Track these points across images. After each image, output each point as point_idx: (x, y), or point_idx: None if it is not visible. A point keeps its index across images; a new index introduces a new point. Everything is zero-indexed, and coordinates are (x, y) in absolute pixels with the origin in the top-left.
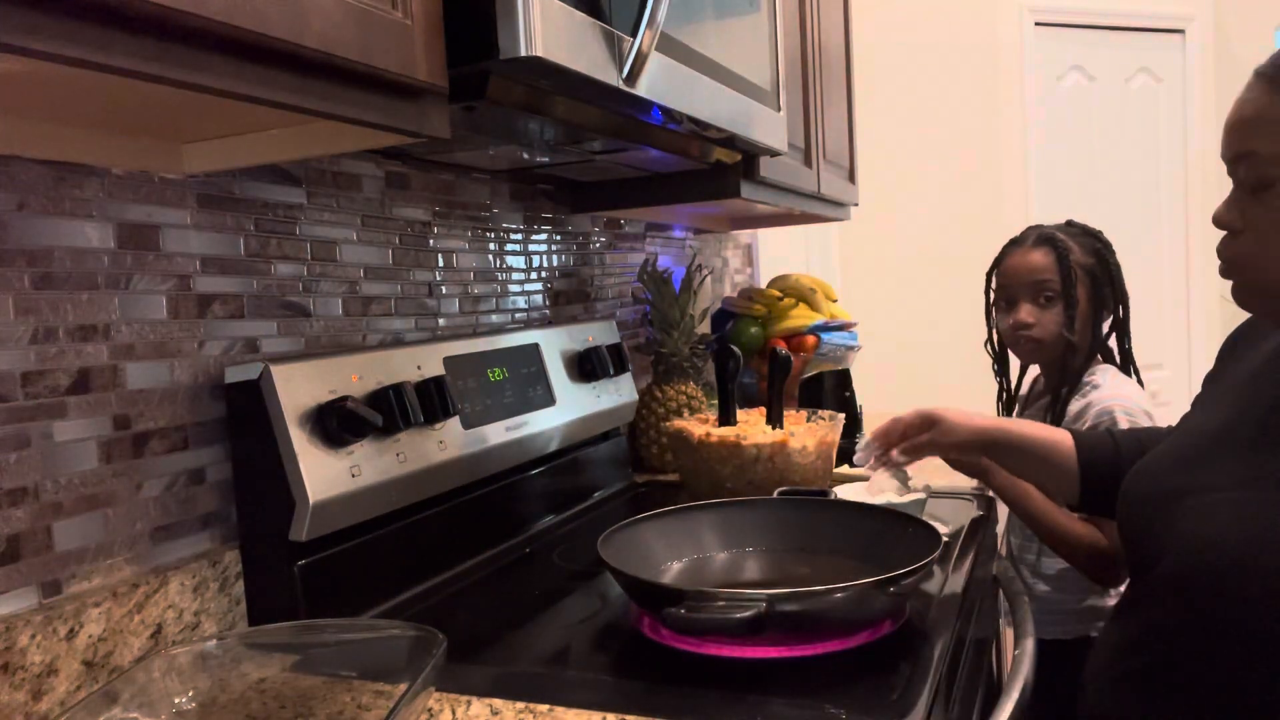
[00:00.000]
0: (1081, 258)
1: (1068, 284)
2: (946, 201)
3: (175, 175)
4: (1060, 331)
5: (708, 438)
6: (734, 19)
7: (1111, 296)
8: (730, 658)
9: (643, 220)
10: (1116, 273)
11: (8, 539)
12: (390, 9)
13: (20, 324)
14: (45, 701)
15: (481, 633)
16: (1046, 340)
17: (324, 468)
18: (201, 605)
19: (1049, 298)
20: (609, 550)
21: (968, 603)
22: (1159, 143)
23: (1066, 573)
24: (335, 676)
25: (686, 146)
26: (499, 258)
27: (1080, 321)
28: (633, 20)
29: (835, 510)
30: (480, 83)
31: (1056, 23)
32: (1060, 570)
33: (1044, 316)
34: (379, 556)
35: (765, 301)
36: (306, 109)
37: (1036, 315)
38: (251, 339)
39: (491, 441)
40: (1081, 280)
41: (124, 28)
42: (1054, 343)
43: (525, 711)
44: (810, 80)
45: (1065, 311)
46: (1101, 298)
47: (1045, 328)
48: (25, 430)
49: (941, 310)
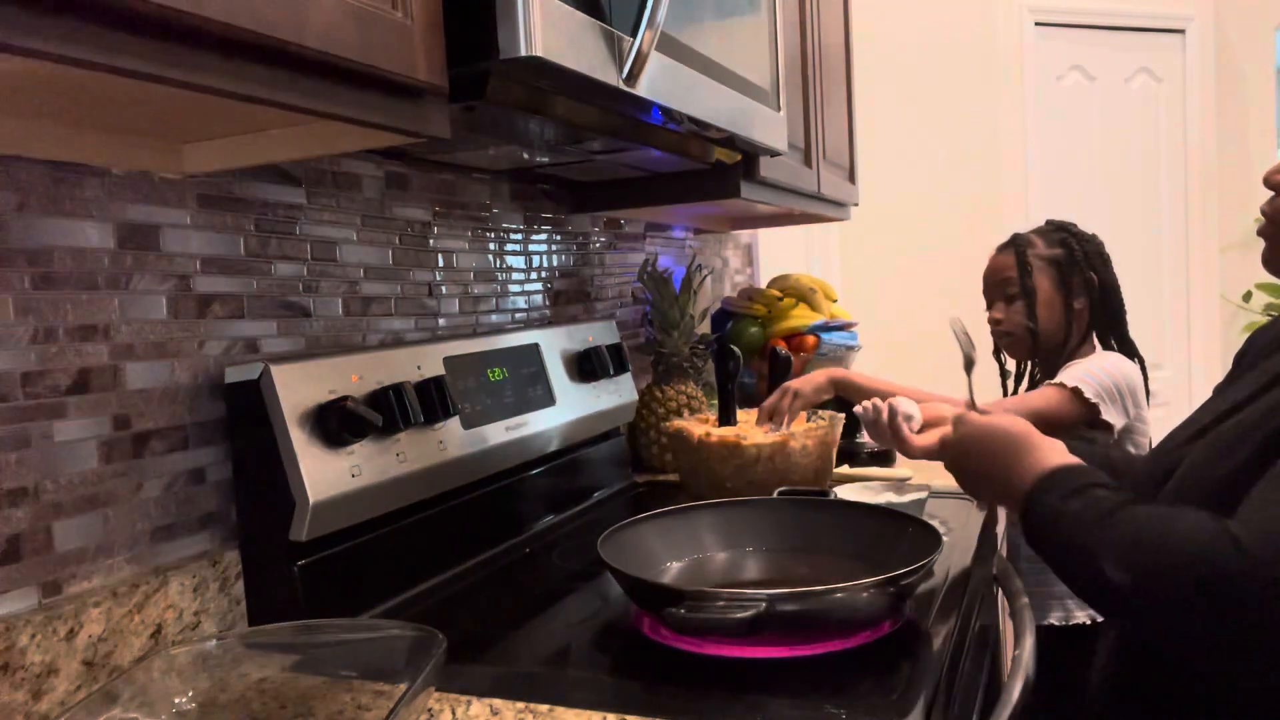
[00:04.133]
0: (1044, 250)
1: (1024, 276)
2: (946, 201)
3: (175, 175)
4: (1024, 322)
5: (708, 438)
6: (734, 19)
7: (1082, 283)
8: (730, 658)
9: (643, 220)
10: (1087, 259)
11: (8, 539)
12: (390, 9)
13: (20, 324)
14: (45, 701)
15: (481, 633)
16: (1015, 333)
17: (324, 468)
18: (201, 605)
19: (1012, 294)
20: (609, 550)
21: (968, 603)
22: (1159, 143)
23: None
24: (335, 676)
25: (686, 146)
26: (499, 258)
27: (1046, 310)
28: (633, 20)
29: (835, 510)
30: (480, 83)
31: (1056, 23)
32: None
33: (1009, 311)
34: (379, 556)
35: (765, 301)
36: (307, 109)
37: (1004, 311)
38: (251, 339)
39: (491, 441)
40: (1043, 271)
41: (124, 28)
42: (1021, 334)
43: (525, 711)
44: (810, 80)
45: (1025, 302)
46: (1070, 285)
47: (1011, 321)
48: (25, 430)
49: (941, 310)
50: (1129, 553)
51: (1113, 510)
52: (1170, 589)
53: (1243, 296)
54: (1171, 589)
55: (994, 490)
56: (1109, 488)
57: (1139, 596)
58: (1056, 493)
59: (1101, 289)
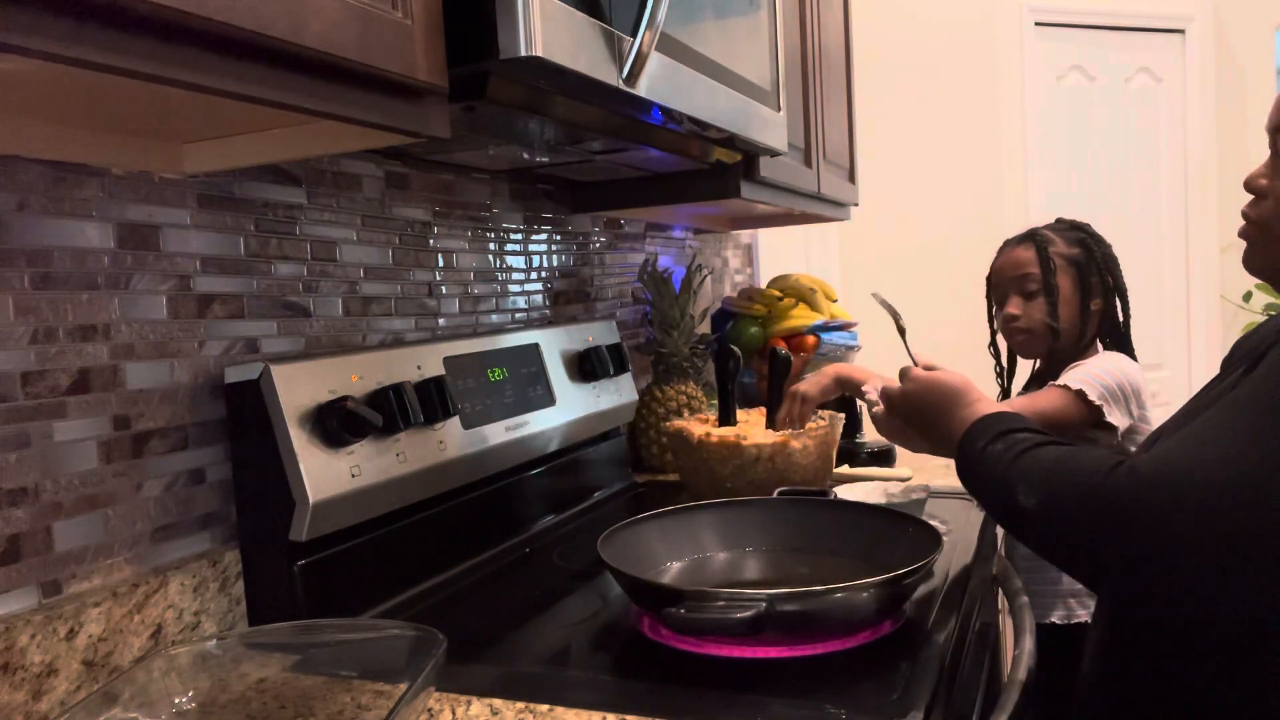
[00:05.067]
0: (1064, 249)
1: (1048, 274)
2: (946, 201)
3: (175, 175)
4: (1045, 320)
5: (708, 438)
6: (734, 19)
7: (1100, 284)
8: (730, 658)
9: (643, 220)
10: (1104, 261)
11: (8, 539)
12: (390, 9)
13: (20, 324)
14: (45, 701)
15: (481, 633)
16: (1034, 330)
17: (324, 468)
18: (201, 605)
19: (1033, 290)
20: (609, 550)
21: (968, 602)
22: (1159, 143)
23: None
24: (335, 676)
25: (686, 146)
26: (499, 258)
27: (1065, 309)
28: (633, 20)
29: (835, 510)
30: (480, 83)
31: (1056, 23)
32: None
33: (1029, 308)
34: (379, 556)
35: (765, 301)
36: (306, 109)
37: (1022, 307)
38: (251, 339)
39: (491, 441)
40: (1064, 270)
41: (124, 28)
42: (1041, 332)
43: (525, 711)
44: (810, 80)
45: (1047, 300)
46: (1088, 286)
47: (1031, 318)
48: (25, 430)
49: (941, 310)
50: (1037, 481)
51: (1029, 448)
52: (1069, 512)
53: (1243, 296)
54: (1070, 512)
55: (934, 438)
56: (1031, 430)
57: (1043, 520)
58: (983, 438)
59: (1115, 291)
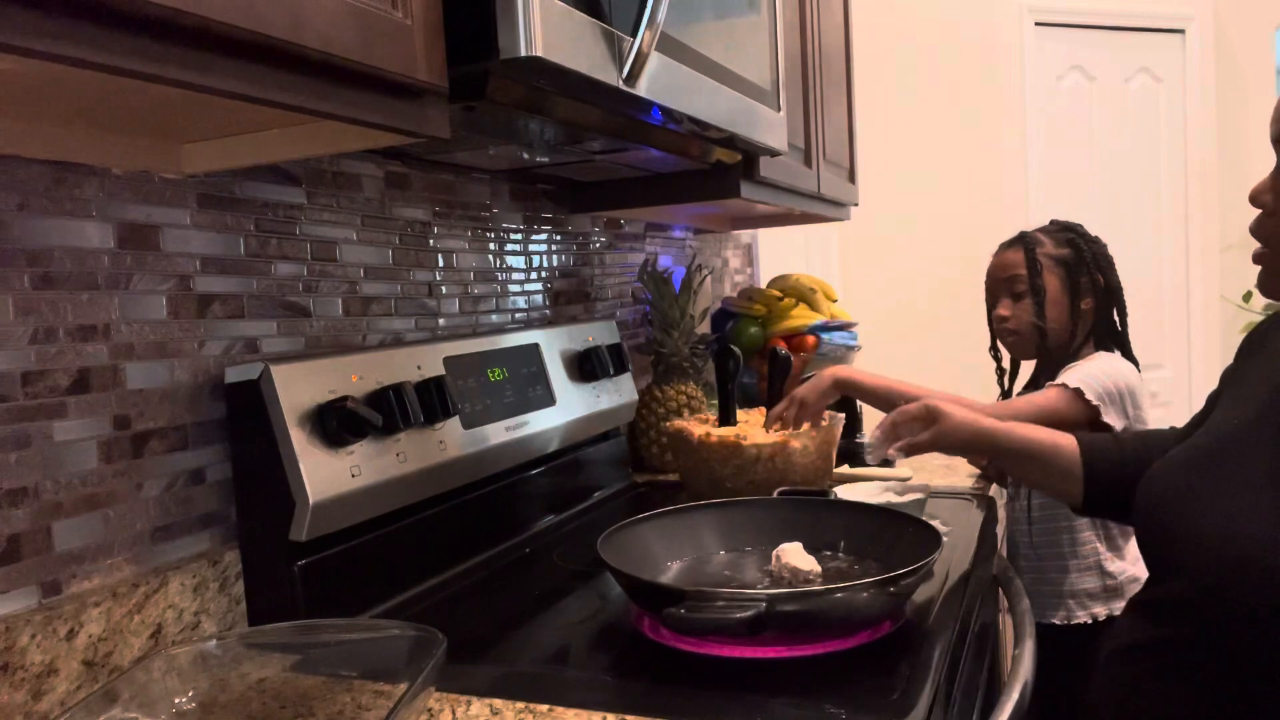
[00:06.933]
0: (1053, 250)
1: (1034, 275)
2: (946, 201)
3: (175, 175)
4: (1032, 320)
5: (708, 438)
6: (734, 19)
7: (1090, 284)
8: (730, 658)
9: (643, 220)
10: (1095, 261)
11: (8, 539)
12: (390, 9)
13: (20, 324)
14: (45, 701)
15: (481, 633)
16: (1022, 330)
17: (324, 468)
18: (201, 605)
19: (1020, 291)
20: (609, 550)
21: (968, 603)
22: (1159, 143)
23: (1045, 550)
24: (335, 676)
25: (686, 146)
26: (499, 258)
27: (1053, 309)
28: (633, 20)
29: (835, 510)
30: (480, 83)
31: (1056, 23)
32: (1040, 550)
33: (1017, 308)
34: (379, 556)
35: (765, 301)
36: (307, 109)
37: (1011, 308)
38: (251, 339)
39: (491, 441)
40: (1051, 270)
41: (124, 28)
42: (1029, 332)
43: (525, 711)
44: (810, 80)
45: (1033, 300)
46: (1077, 286)
47: (1019, 319)
48: (25, 430)
49: (941, 310)
50: None
51: None
52: None
53: (1243, 296)
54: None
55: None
56: None
57: None
58: None
59: (1107, 291)
